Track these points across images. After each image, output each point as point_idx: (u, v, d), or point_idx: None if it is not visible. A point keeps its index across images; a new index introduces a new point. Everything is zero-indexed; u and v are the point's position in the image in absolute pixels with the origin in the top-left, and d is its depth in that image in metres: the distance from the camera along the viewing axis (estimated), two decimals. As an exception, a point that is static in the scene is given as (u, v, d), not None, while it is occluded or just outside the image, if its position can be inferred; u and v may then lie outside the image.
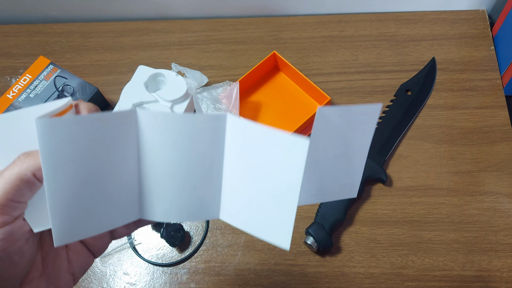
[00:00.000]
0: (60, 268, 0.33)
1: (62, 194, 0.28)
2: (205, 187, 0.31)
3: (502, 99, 0.68)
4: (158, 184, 0.31)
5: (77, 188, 0.28)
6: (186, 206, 0.31)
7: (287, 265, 0.60)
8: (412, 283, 0.58)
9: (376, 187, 0.63)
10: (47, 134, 0.26)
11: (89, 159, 0.28)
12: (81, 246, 0.34)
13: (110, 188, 0.30)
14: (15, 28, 0.79)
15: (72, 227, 0.29)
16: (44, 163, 0.27)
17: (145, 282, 0.60)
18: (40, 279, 0.31)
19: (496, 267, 0.58)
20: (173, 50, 0.75)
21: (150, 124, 0.29)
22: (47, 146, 0.26)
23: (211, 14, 0.79)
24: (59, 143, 0.27)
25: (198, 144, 0.30)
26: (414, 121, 0.68)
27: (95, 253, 0.35)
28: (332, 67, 0.72)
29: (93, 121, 0.28)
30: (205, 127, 0.30)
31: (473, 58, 0.72)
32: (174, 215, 0.31)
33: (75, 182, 0.28)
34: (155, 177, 0.31)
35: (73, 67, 0.75)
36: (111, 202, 0.30)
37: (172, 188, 0.31)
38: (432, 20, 0.75)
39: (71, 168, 0.28)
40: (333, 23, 0.76)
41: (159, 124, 0.29)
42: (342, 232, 0.61)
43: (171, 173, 0.30)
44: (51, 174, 0.27)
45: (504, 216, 0.61)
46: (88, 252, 0.34)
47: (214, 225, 0.62)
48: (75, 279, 0.34)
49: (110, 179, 0.29)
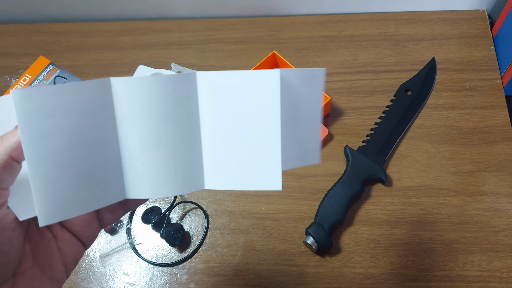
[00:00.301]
0: (52, 258, 0.32)
1: (44, 170, 0.27)
2: (187, 155, 0.30)
3: (502, 99, 0.68)
4: (138, 158, 0.30)
5: (59, 164, 0.27)
6: (170, 178, 0.30)
7: (287, 265, 0.60)
8: (412, 283, 0.58)
9: (376, 187, 0.63)
10: (24, 105, 0.25)
11: (70, 132, 0.27)
12: (70, 236, 0.33)
13: (94, 164, 0.29)
14: (14, 27, 0.79)
15: (57, 206, 0.28)
16: (23, 136, 0.26)
17: (144, 282, 0.60)
18: (33, 269, 0.31)
19: (496, 268, 0.58)
20: (173, 50, 0.75)
21: (122, 92, 0.29)
22: (26, 118, 0.26)
23: (210, 14, 0.79)
24: (38, 114, 0.26)
25: (173, 107, 0.29)
26: (414, 121, 0.67)
27: (85, 242, 0.34)
28: (331, 67, 0.72)
29: (71, 91, 0.27)
30: (177, 88, 0.29)
31: (473, 58, 0.71)
32: (160, 190, 0.30)
33: (57, 157, 0.27)
34: (134, 150, 0.30)
35: (73, 66, 0.75)
36: (95, 179, 0.29)
37: (153, 160, 0.30)
38: (432, 20, 0.75)
39: (52, 142, 0.27)
40: (333, 23, 0.76)
41: (130, 90, 0.29)
42: (342, 232, 0.61)
43: (150, 144, 0.30)
44: (32, 148, 0.26)
45: (504, 216, 0.61)
46: (78, 242, 0.34)
47: (214, 225, 0.62)
48: (68, 271, 0.33)
49: (92, 154, 0.29)
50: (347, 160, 0.64)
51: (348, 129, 0.67)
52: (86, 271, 0.61)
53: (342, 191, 0.60)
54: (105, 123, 0.29)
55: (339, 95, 0.70)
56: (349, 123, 0.68)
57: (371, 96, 0.70)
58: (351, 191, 0.61)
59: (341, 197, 0.60)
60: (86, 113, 0.28)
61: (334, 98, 0.70)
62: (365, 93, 0.70)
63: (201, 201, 0.64)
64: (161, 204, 0.64)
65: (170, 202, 0.64)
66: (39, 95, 0.26)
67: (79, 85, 0.27)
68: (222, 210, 0.63)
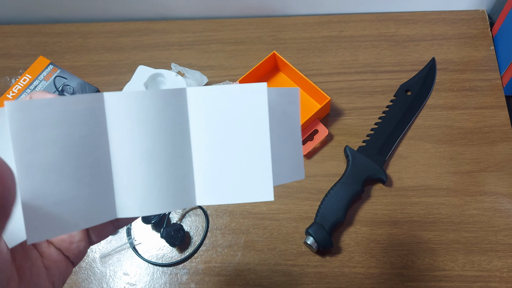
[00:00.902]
0: (39, 277, 0.31)
1: (34, 184, 0.26)
2: (178, 171, 0.30)
3: (502, 99, 0.68)
4: (129, 174, 0.29)
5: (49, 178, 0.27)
6: (161, 195, 0.30)
7: (287, 265, 0.60)
8: (412, 283, 0.58)
9: (376, 187, 0.63)
10: (18, 118, 0.25)
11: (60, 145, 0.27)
12: (57, 254, 0.32)
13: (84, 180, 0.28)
14: (15, 28, 0.79)
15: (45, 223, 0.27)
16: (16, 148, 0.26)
17: (145, 283, 0.60)
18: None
19: (496, 267, 0.58)
20: (173, 50, 0.75)
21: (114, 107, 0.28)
22: (19, 130, 0.25)
23: (210, 14, 0.79)
24: (31, 127, 0.26)
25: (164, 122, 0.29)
26: (414, 121, 0.68)
27: (73, 260, 0.33)
28: (332, 67, 0.72)
29: (64, 104, 0.27)
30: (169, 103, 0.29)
31: (473, 58, 0.72)
32: (150, 207, 0.30)
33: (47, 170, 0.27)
34: (125, 166, 0.29)
35: (73, 67, 0.75)
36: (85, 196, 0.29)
37: (143, 176, 0.29)
38: (432, 20, 0.75)
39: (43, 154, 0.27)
40: (333, 23, 0.76)
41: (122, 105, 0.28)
42: (342, 232, 0.61)
43: (141, 160, 0.29)
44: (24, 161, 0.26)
45: (504, 216, 0.61)
46: (66, 260, 0.33)
47: (214, 225, 0.62)
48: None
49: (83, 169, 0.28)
50: (347, 160, 0.64)
51: (348, 129, 0.68)
52: (86, 271, 0.61)
53: (342, 191, 0.61)
54: (96, 138, 0.29)
55: (339, 95, 0.70)
56: (349, 123, 0.68)
57: (371, 96, 0.70)
58: (351, 191, 0.61)
59: (341, 197, 0.60)
60: (77, 126, 0.28)
61: (334, 98, 0.70)
62: (365, 93, 0.70)
63: (201, 201, 0.64)
64: (161, 204, 0.64)
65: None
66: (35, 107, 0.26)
67: (72, 98, 0.27)
68: (223, 210, 0.63)
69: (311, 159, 0.66)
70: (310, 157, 0.66)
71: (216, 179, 0.30)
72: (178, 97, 0.29)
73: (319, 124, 0.66)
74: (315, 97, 0.68)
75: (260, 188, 0.29)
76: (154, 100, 0.29)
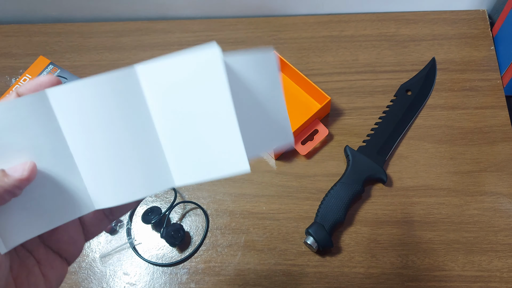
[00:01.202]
0: (36, 285, 0.31)
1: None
2: (145, 154, 0.29)
3: (502, 99, 0.68)
4: (93, 165, 0.29)
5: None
6: (132, 180, 0.29)
7: (287, 265, 0.60)
8: (412, 283, 0.58)
9: (376, 187, 0.63)
10: None
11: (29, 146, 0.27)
12: (54, 257, 0.32)
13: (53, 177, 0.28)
14: (15, 28, 0.79)
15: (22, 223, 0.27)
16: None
17: (145, 282, 0.60)
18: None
19: (496, 267, 0.58)
20: (173, 50, 0.75)
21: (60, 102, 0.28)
22: None
23: (210, 14, 0.79)
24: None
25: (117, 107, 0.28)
26: (414, 121, 0.68)
27: (69, 259, 0.33)
28: (332, 67, 0.72)
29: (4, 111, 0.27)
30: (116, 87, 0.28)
31: (473, 58, 0.72)
32: (124, 194, 0.29)
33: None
34: (87, 159, 0.29)
35: (73, 67, 0.75)
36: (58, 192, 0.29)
37: (109, 164, 0.29)
38: (432, 20, 0.75)
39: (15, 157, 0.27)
40: (333, 23, 0.76)
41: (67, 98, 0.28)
42: (342, 232, 0.61)
43: (101, 149, 0.29)
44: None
45: (504, 216, 0.61)
46: (62, 262, 0.33)
47: (214, 225, 0.62)
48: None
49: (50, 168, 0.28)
50: (348, 160, 0.64)
51: (348, 129, 0.68)
52: (86, 271, 0.61)
53: (343, 191, 0.61)
54: (51, 136, 0.28)
55: (339, 95, 0.70)
56: (349, 123, 0.68)
57: (371, 96, 0.70)
58: (352, 191, 0.61)
59: (341, 197, 0.60)
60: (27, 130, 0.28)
61: (334, 98, 0.70)
62: (366, 93, 0.70)
63: (201, 201, 0.64)
64: (161, 204, 0.64)
65: (170, 202, 0.64)
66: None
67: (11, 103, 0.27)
68: (223, 210, 0.63)
69: (311, 159, 0.66)
70: (310, 157, 0.66)
71: (189, 157, 0.29)
72: (127, 78, 0.28)
73: (319, 124, 0.66)
74: (315, 97, 0.68)
75: (233, 159, 0.28)
76: (99, 87, 0.28)
